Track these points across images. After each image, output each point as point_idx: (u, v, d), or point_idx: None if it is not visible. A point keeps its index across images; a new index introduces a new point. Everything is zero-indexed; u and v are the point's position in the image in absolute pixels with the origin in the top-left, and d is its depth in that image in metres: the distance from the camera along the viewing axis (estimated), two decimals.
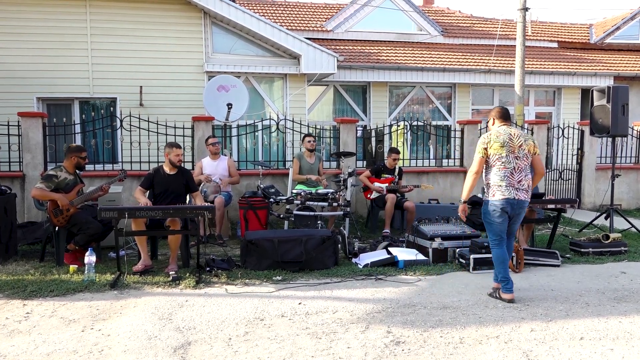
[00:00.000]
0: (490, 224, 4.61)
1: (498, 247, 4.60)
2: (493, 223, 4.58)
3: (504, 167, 4.51)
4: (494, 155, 4.54)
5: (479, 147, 4.60)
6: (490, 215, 4.58)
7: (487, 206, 4.60)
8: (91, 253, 5.06)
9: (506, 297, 4.51)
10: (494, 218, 4.56)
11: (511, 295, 4.50)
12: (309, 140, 7.73)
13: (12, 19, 9.20)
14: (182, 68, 9.77)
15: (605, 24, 15.16)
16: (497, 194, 4.52)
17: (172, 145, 5.81)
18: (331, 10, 13.76)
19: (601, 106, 7.57)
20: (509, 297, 4.50)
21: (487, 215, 4.62)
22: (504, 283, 4.53)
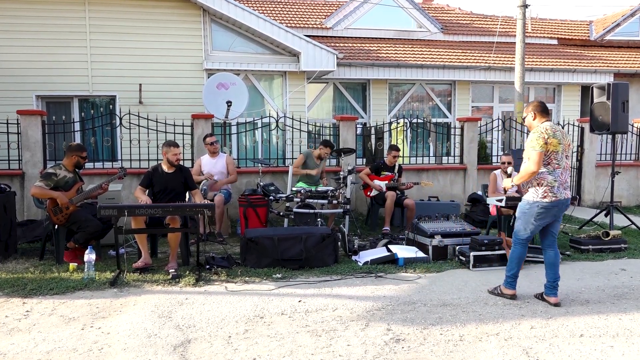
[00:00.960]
0: (528, 224, 4.35)
1: (524, 246, 4.45)
2: (533, 224, 4.35)
3: (558, 166, 4.27)
4: (551, 152, 4.24)
5: (538, 141, 4.21)
6: (535, 217, 4.31)
7: (533, 207, 4.29)
8: (91, 251, 5.06)
9: (508, 292, 4.49)
10: (537, 220, 4.31)
11: (513, 291, 4.48)
12: (327, 153, 7.69)
13: (11, 17, 9.18)
14: (182, 66, 9.76)
15: (605, 20, 15.14)
16: (550, 195, 4.24)
17: (170, 145, 5.79)
18: (331, 8, 13.74)
19: (601, 103, 7.56)
20: (511, 293, 4.48)
21: (528, 216, 4.33)
22: (511, 279, 4.48)
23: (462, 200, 9.17)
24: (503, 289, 4.54)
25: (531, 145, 4.25)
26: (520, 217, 4.43)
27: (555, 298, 4.38)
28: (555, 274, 4.41)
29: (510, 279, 4.51)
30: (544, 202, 4.26)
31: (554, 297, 4.38)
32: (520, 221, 4.43)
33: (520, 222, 4.43)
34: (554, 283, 4.40)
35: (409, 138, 10.65)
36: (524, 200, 4.41)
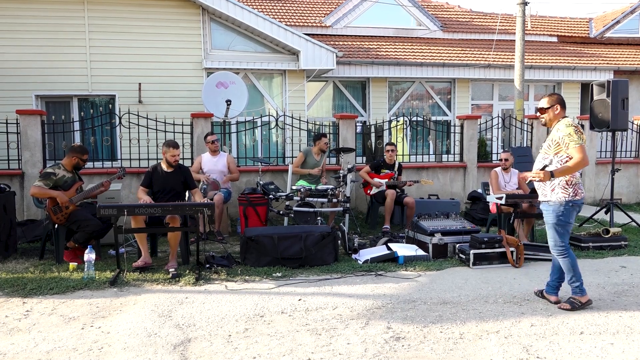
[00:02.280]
0: (565, 226, 4.15)
1: (570, 251, 4.19)
2: (568, 224, 4.17)
3: None
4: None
5: (578, 134, 4.04)
6: (570, 217, 4.14)
7: (568, 207, 4.09)
8: (91, 251, 5.06)
9: (584, 299, 4.21)
10: (572, 219, 4.16)
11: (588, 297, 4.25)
12: (326, 142, 7.70)
13: (10, 17, 9.18)
14: (181, 65, 9.75)
15: (605, 17, 15.12)
16: (579, 192, 4.12)
17: (169, 145, 5.75)
18: (330, 6, 13.72)
19: (601, 100, 7.55)
20: (587, 299, 4.22)
21: (565, 217, 4.12)
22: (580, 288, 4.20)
23: (462, 198, 9.16)
24: (581, 298, 4.20)
25: (573, 140, 4.03)
26: (557, 224, 4.15)
27: (555, 297, 4.37)
28: (562, 274, 4.33)
29: (581, 286, 4.21)
30: (576, 200, 4.13)
31: (554, 296, 4.37)
32: (558, 227, 4.15)
33: (559, 228, 4.16)
34: (558, 283, 4.38)
35: (409, 136, 10.64)
36: (554, 204, 4.13)
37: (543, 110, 4.29)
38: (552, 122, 4.26)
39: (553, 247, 4.23)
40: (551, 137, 4.19)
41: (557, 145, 4.13)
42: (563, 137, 4.08)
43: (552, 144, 4.16)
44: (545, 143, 4.26)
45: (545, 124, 4.33)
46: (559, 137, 4.11)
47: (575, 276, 4.19)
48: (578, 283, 4.20)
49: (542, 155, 4.26)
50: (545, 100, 4.29)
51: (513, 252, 5.64)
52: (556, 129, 4.18)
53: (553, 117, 4.24)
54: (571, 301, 4.21)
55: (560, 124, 4.17)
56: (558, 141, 4.12)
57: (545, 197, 4.20)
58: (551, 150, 4.17)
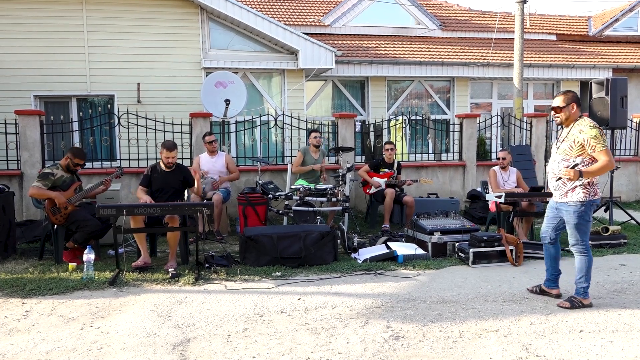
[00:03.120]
0: (587, 225, 4.16)
1: (590, 251, 4.23)
2: (589, 222, 4.19)
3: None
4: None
5: (603, 137, 4.02)
6: (590, 216, 4.15)
7: (588, 206, 4.09)
8: (90, 251, 5.06)
9: (587, 302, 4.20)
10: (591, 218, 4.19)
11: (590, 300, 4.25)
12: (315, 136, 7.71)
13: (8, 17, 9.16)
14: (180, 64, 9.74)
15: (604, 16, 15.12)
16: (598, 192, 4.14)
17: (163, 146, 5.70)
18: (329, 5, 13.71)
19: (600, 98, 7.55)
20: (589, 302, 4.21)
21: (587, 216, 4.13)
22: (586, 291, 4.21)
23: (462, 197, 9.16)
24: (583, 300, 4.21)
25: (599, 142, 3.98)
26: (579, 222, 4.13)
27: (557, 290, 4.44)
28: (557, 265, 4.48)
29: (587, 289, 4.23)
30: (595, 199, 4.13)
31: (556, 289, 4.44)
32: (581, 227, 4.14)
33: (582, 227, 4.15)
34: (557, 276, 4.46)
35: (408, 135, 10.64)
36: (575, 204, 4.10)
37: (558, 110, 4.18)
38: (569, 121, 4.17)
39: (574, 244, 4.21)
40: (573, 138, 4.07)
41: (580, 147, 4.04)
42: (589, 139, 3.99)
43: (574, 145, 4.06)
44: (565, 143, 4.13)
45: (560, 123, 4.22)
46: (583, 139, 4.01)
47: (585, 277, 4.19)
48: (586, 285, 4.19)
49: (562, 156, 4.14)
50: (560, 99, 4.17)
51: (512, 250, 5.64)
52: (578, 130, 4.06)
53: (570, 116, 4.15)
54: (572, 300, 4.21)
55: (583, 125, 4.06)
56: (582, 143, 4.02)
57: (566, 197, 4.14)
58: (573, 152, 4.07)
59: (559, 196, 4.20)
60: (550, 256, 4.48)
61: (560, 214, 4.28)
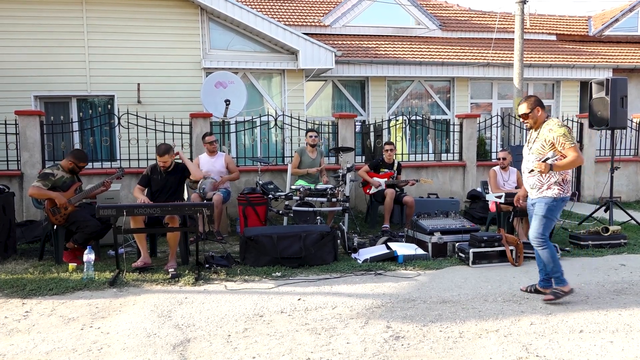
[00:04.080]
0: (552, 220, 4.33)
1: (549, 244, 4.37)
2: (555, 219, 4.36)
3: None
4: None
5: (571, 135, 4.24)
6: (559, 212, 4.33)
7: (559, 203, 4.28)
8: (90, 251, 5.06)
9: (567, 289, 4.31)
10: (559, 214, 4.36)
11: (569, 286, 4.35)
12: (311, 136, 7.71)
13: (8, 17, 9.17)
14: (180, 65, 9.75)
15: (604, 16, 15.11)
16: (569, 189, 4.32)
17: (157, 152, 5.66)
18: (329, 5, 13.71)
19: (600, 98, 7.55)
20: (569, 288, 4.32)
21: (555, 213, 4.30)
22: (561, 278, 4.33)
23: (462, 197, 9.16)
24: (562, 288, 4.31)
25: (568, 140, 4.20)
26: (546, 216, 4.29)
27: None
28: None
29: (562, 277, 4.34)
30: (567, 196, 4.31)
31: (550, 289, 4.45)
32: (545, 220, 4.30)
33: (546, 221, 4.30)
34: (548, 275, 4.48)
35: (408, 135, 10.64)
36: (547, 198, 4.27)
37: (525, 116, 4.42)
38: (538, 124, 4.39)
39: (534, 238, 4.37)
40: (543, 138, 4.29)
41: (551, 145, 4.26)
42: (558, 137, 4.22)
43: (546, 144, 4.28)
44: (536, 144, 4.35)
45: (531, 127, 4.45)
46: (553, 138, 4.24)
47: (555, 266, 4.35)
48: (559, 273, 4.34)
49: (536, 155, 4.34)
50: (524, 106, 4.41)
51: (512, 250, 5.64)
52: (548, 129, 4.29)
53: (538, 119, 4.38)
54: (554, 292, 4.34)
55: (552, 125, 4.29)
56: (552, 141, 4.24)
57: (541, 193, 4.32)
58: (546, 150, 4.28)
59: (536, 193, 4.38)
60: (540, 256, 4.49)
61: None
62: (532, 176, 4.37)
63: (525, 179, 4.49)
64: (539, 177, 4.31)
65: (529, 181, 4.41)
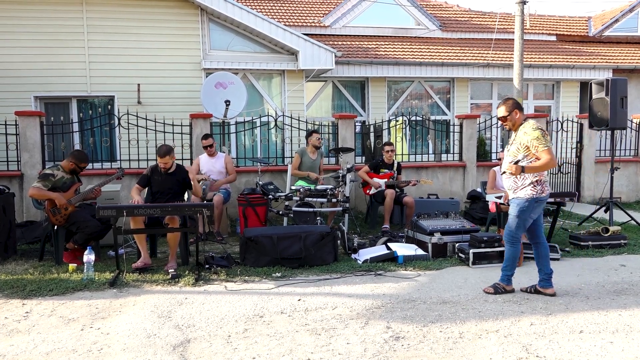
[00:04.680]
0: (525, 220, 4.45)
1: (518, 244, 4.55)
2: (528, 219, 4.47)
3: None
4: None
5: (546, 138, 4.35)
6: (532, 212, 4.44)
7: (532, 203, 4.38)
8: (90, 252, 5.06)
9: (509, 288, 4.61)
10: (533, 214, 4.46)
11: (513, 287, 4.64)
12: (317, 138, 7.71)
13: (8, 18, 9.17)
14: (180, 65, 9.75)
15: (604, 16, 15.12)
16: (545, 189, 4.43)
17: (158, 153, 5.66)
18: (329, 6, 13.72)
19: (600, 99, 7.55)
20: (511, 288, 4.62)
21: (527, 213, 4.41)
22: (509, 278, 4.61)
23: (462, 198, 9.16)
24: (506, 287, 4.60)
25: (542, 143, 4.30)
26: (518, 216, 4.44)
27: (552, 289, 4.53)
28: (549, 265, 4.59)
29: (511, 276, 4.61)
30: (542, 197, 4.42)
31: (551, 288, 4.53)
32: (518, 219, 4.45)
33: (518, 221, 4.46)
34: (550, 274, 4.56)
35: (408, 136, 10.64)
36: (520, 199, 4.42)
37: (504, 119, 4.53)
38: (516, 126, 4.50)
39: (507, 234, 4.54)
40: (519, 141, 4.41)
41: (526, 148, 4.38)
42: (532, 140, 4.34)
43: (521, 147, 4.40)
44: (513, 146, 4.48)
45: (510, 129, 4.57)
46: (527, 141, 4.36)
47: (511, 266, 4.58)
48: (510, 273, 4.59)
49: (511, 157, 4.47)
50: (503, 109, 4.52)
51: None
52: (523, 132, 4.40)
53: (516, 121, 4.49)
54: (496, 286, 4.59)
55: (527, 128, 4.40)
56: (527, 144, 4.36)
57: (516, 193, 4.46)
58: (520, 153, 4.41)
59: (512, 194, 4.51)
60: (540, 255, 4.61)
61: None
62: (508, 177, 4.49)
63: (503, 180, 4.61)
64: (514, 179, 4.44)
65: (506, 182, 4.55)
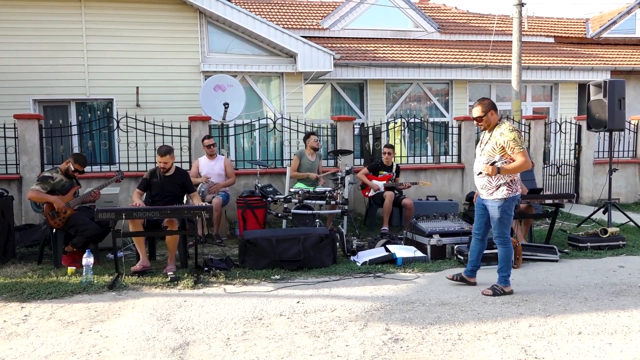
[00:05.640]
0: (509, 219, 4.57)
1: (510, 243, 4.63)
2: (511, 217, 4.58)
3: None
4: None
5: (521, 140, 4.47)
6: (512, 210, 4.57)
7: (511, 203, 4.52)
8: (89, 255, 5.06)
9: (508, 289, 4.61)
10: (512, 212, 4.58)
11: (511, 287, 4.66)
12: (316, 140, 7.72)
13: (7, 21, 9.17)
14: (179, 68, 9.75)
15: (602, 18, 15.16)
16: (519, 188, 4.59)
17: (158, 152, 5.69)
18: (327, 8, 13.75)
19: (598, 101, 7.57)
20: (510, 289, 4.62)
21: (509, 212, 4.54)
22: (507, 279, 4.63)
23: (460, 200, 9.17)
24: (505, 288, 4.60)
25: (517, 145, 4.41)
26: (503, 217, 4.52)
27: (475, 279, 4.86)
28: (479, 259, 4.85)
29: (508, 277, 4.64)
30: (517, 195, 4.56)
31: (474, 279, 4.85)
32: (504, 221, 4.54)
33: (504, 221, 4.54)
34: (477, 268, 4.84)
35: (407, 138, 10.65)
36: (499, 201, 4.50)
37: (480, 119, 4.58)
38: (491, 126, 4.56)
39: (497, 237, 4.61)
40: (495, 141, 4.48)
41: (502, 148, 4.45)
42: (508, 141, 4.41)
43: (496, 147, 4.47)
44: (488, 146, 4.53)
45: (485, 129, 4.62)
46: (504, 141, 4.43)
47: (507, 266, 4.61)
48: (507, 274, 4.61)
49: (486, 157, 4.53)
50: (478, 109, 4.56)
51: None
52: (499, 133, 4.47)
53: (491, 122, 4.55)
54: (494, 288, 4.59)
55: (504, 129, 4.47)
56: (503, 145, 4.43)
57: (491, 195, 4.54)
58: (496, 153, 4.47)
59: (486, 194, 4.59)
60: (478, 251, 4.81)
61: (487, 211, 4.64)
62: (481, 177, 4.55)
63: (475, 179, 4.66)
64: (489, 179, 4.51)
65: (479, 182, 4.61)
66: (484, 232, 4.74)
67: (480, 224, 4.73)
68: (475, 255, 4.81)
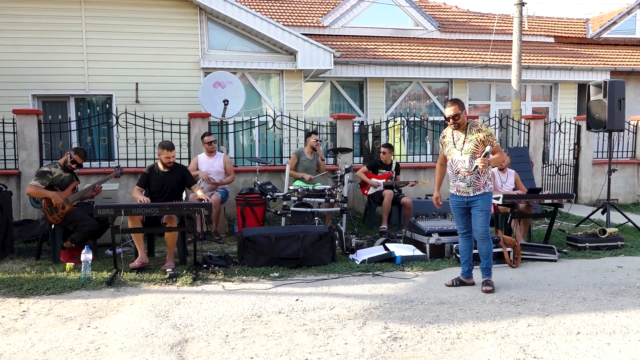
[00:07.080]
0: (490, 213, 4.76)
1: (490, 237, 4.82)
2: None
3: None
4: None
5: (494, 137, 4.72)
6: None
7: (491, 197, 4.76)
8: (87, 251, 5.05)
9: (471, 281, 4.87)
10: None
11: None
12: (315, 139, 7.71)
13: (6, 16, 9.14)
14: (178, 64, 9.73)
15: (602, 18, 15.16)
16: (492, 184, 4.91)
17: (163, 147, 5.68)
18: (327, 6, 13.72)
19: (597, 101, 7.57)
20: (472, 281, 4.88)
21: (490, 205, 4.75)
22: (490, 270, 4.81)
23: None
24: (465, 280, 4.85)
25: (494, 139, 4.67)
26: (489, 210, 4.69)
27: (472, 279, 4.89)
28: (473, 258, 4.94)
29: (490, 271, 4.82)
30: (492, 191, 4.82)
31: (472, 279, 4.88)
32: (489, 215, 4.73)
33: (489, 215, 4.73)
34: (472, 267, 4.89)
35: (406, 136, 10.65)
36: (488, 195, 4.71)
37: (457, 117, 4.67)
38: (463, 125, 4.73)
39: (483, 232, 4.71)
40: (475, 137, 4.66)
41: (482, 144, 4.65)
42: (487, 136, 4.65)
43: (479, 143, 4.65)
44: (470, 144, 4.66)
45: (456, 128, 4.74)
46: (483, 137, 4.65)
47: (490, 259, 4.80)
48: (491, 265, 4.81)
49: (471, 155, 4.65)
50: (455, 107, 4.68)
51: (510, 252, 5.65)
52: (476, 130, 4.69)
53: (464, 120, 4.73)
54: (489, 283, 4.74)
55: (480, 126, 4.73)
56: (483, 140, 4.64)
57: (480, 190, 4.68)
58: (479, 148, 4.64)
59: (474, 191, 4.69)
60: (469, 249, 4.86)
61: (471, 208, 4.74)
62: (470, 174, 4.64)
63: (460, 179, 4.71)
64: (477, 177, 4.65)
65: (466, 180, 4.68)
66: (470, 229, 4.83)
67: (465, 222, 4.83)
68: (467, 254, 4.86)
